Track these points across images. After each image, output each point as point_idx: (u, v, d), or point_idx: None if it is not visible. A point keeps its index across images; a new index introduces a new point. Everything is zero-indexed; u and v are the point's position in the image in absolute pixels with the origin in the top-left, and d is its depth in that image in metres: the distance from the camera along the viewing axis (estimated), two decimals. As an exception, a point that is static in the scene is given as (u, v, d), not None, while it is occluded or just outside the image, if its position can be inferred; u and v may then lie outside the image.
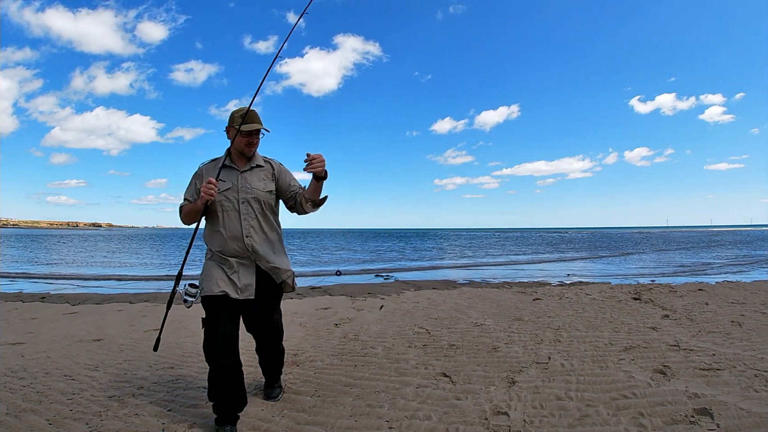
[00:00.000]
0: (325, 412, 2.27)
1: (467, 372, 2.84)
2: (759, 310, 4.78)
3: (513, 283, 9.10)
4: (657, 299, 5.73)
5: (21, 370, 3.01)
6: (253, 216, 2.12)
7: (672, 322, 4.28)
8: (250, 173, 2.17)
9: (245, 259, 2.10)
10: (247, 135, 2.10)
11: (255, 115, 2.11)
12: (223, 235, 2.08)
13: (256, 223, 2.12)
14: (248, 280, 2.09)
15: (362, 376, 2.82)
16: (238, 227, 2.08)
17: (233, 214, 2.09)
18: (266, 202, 2.17)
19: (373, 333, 4.03)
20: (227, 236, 2.08)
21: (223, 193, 2.09)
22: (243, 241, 2.07)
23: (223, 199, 2.09)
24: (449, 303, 5.77)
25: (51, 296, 7.59)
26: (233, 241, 2.08)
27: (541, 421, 2.09)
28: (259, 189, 2.15)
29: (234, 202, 2.10)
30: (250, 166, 2.18)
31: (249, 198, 2.12)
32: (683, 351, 3.19)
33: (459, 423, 2.10)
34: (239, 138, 2.10)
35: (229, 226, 2.08)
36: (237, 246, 2.08)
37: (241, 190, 2.12)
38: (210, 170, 2.17)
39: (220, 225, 2.09)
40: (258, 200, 2.13)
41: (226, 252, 2.08)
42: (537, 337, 3.71)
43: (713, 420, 2.04)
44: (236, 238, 2.08)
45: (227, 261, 2.08)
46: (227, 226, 2.08)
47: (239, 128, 2.07)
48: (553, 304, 5.53)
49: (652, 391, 2.40)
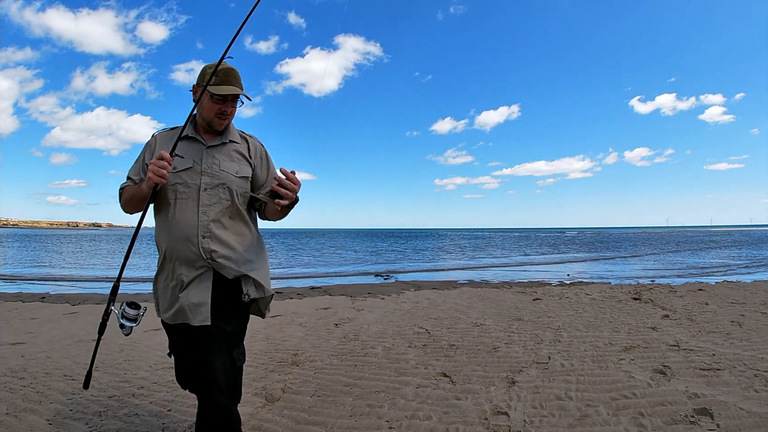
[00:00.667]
0: (325, 412, 2.26)
1: (467, 372, 2.84)
2: (759, 310, 4.78)
3: (513, 283, 9.10)
4: (657, 299, 5.73)
5: (21, 370, 3.01)
6: (217, 209, 1.51)
7: (672, 322, 4.28)
8: (220, 150, 1.57)
9: (200, 269, 1.49)
10: (219, 101, 1.51)
11: (233, 74, 1.53)
12: (171, 232, 1.50)
13: (221, 218, 1.53)
14: (200, 298, 1.47)
15: (362, 376, 2.82)
16: (193, 223, 1.47)
17: (190, 203, 1.49)
18: (239, 192, 1.56)
19: (373, 333, 4.03)
20: (177, 235, 1.48)
21: (180, 174, 1.49)
22: (198, 244, 1.46)
23: (179, 182, 1.49)
24: (449, 303, 5.77)
25: (51, 296, 7.59)
26: (183, 242, 1.47)
27: (541, 421, 2.10)
28: (230, 172, 1.55)
29: (193, 187, 1.50)
30: (221, 141, 1.58)
31: (215, 184, 1.51)
32: (683, 351, 3.19)
33: (459, 423, 2.10)
34: (208, 103, 1.52)
35: (181, 220, 1.48)
36: (189, 250, 1.47)
37: (206, 172, 1.51)
38: (166, 141, 1.58)
39: (169, 218, 1.50)
40: (227, 188, 1.53)
41: (173, 257, 1.50)
42: (537, 337, 3.71)
43: (713, 420, 2.04)
44: (188, 238, 1.46)
45: (175, 273, 1.50)
46: (178, 220, 1.48)
47: (206, 86, 1.49)
48: (553, 304, 5.53)
49: (652, 391, 2.40)
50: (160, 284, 1.57)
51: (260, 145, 1.71)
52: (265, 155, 1.70)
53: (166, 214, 1.52)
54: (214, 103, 1.52)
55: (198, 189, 1.50)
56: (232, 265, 1.52)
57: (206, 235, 1.48)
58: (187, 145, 1.54)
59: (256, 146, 1.68)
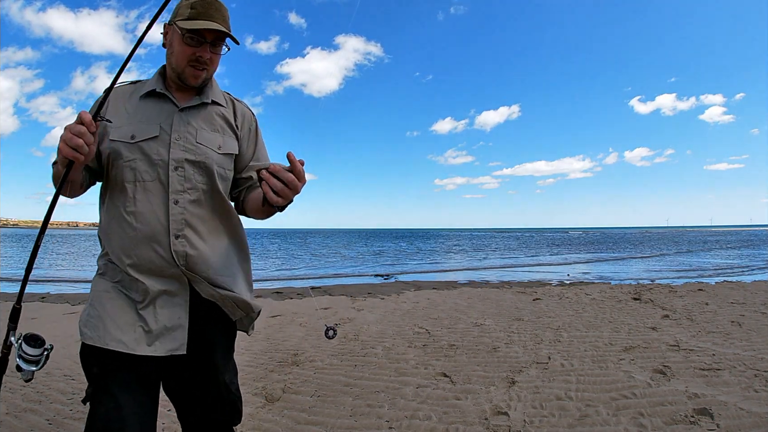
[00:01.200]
0: (325, 412, 2.27)
1: (467, 372, 2.84)
2: (759, 310, 4.78)
3: (513, 283, 9.10)
4: (657, 299, 5.73)
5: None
6: (192, 197, 1.10)
7: (672, 322, 4.28)
8: (198, 114, 1.14)
9: (172, 280, 1.09)
10: (192, 41, 1.07)
11: (215, 6, 1.09)
12: (130, 229, 1.06)
13: (198, 211, 1.12)
14: (173, 320, 1.08)
15: (362, 376, 2.82)
16: (161, 216, 1.07)
17: (155, 189, 1.07)
18: (221, 175, 1.16)
19: (373, 333, 4.03)
20: (139, 233, 1.06)
21: (141, 147, 1.07)
22: (169, 245, 1.06)
23: (139, 158, 1.07)
24: (449, 303, 5.77)
25: (51, 296, 7.59)
26: (148, 243, 1.06)
27: (541, 421, 2.10)
28: (210, 146, 1.13)
29: (159, 166, 1.08)
30: (199, 101, 1.15)
31: (191, 160, 1.10)
32: (683, 351, 3.19)
33: (459, 423, 2.10)
34: (179, 45, 1.09)
35: (144, 211, 1.06)
36: (154, 254, 1.06)
37: (177, 143, 1.09)
38: (123, 98, 1.13)
39: (128, 210, 1.07)
40: (206, 168, 1.12)
41: (134, 265, 1.07)
42: (537, 337, 3.71)
43: (713, 420, 2.04)
44: (153, 238, 1.06)
45: (136, 283, 1.07)
46: (140, 211, 1.06)
47: (175, 21, 1.09)
48: (553, 304, 5.53)
49: (652, 391, 2.40)
50: (105, 300, 1.07)
51: (250, 113, 1.28)
52: (255, 128, 1.27)
53: (121, 204, 1.07)
54: (186, 45, 1.07)
55: (166, 168, 1.07)
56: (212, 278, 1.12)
57: (180, 233, 1.07)
58: (152, 106, 1.11)
59: (245, 113, 1.26)
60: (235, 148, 1.21)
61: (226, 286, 1.16)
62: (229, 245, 1.20)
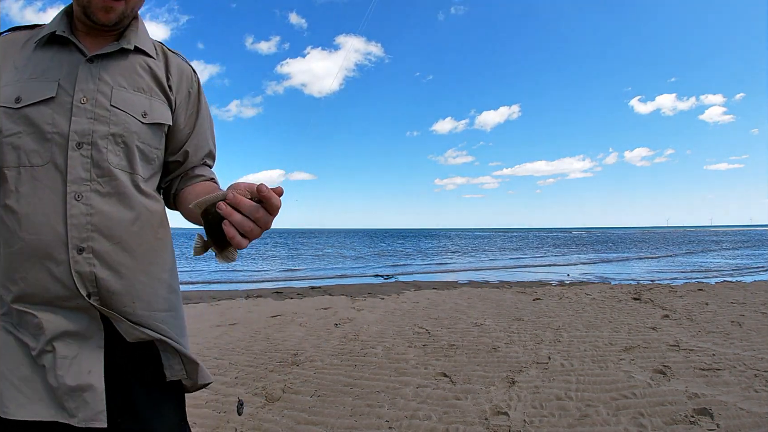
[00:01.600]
0: (325, 412, 2.27)
1: (467, 372, 2.84)
2: (759, 310, 4.79)
3: (513, 283, 9.11)
4: (657, 299, 5.73)
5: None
6: (104, 189, 0.74)
7: (672, 322, 4.28)
8: (114, 66, 0.78)
9: (78, 315, 0.72)
10: None
11: None
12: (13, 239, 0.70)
13: (112, 210, 0.74)
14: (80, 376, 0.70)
15: (362, 376, 2.82)
16: (57, 219, 0.70)
17: (48, 177, 0.71)
18: (144, 153, 0.81)
19: (373, 333, 4.03)
20: (25, 246, 0.69)
21: (26, 113, 0.71)
22: (68, 264, 0.70)
23: (25, 130, 0.71)
24: (449, 303, 5.77)
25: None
26: (38, 260, 0.69)
27: (541, 421, 2.10)
28: (130, 111, 0.78)
29: (55, 141, 0.72)
30: (117, 47, 0.79)
31: (103, 134, 0.74)
32: (683, 351, 3.19)
33: (459, 423, 2.10)
34: None
35: (32, 213, 0.70)
36: (51, 276, 0.70)
37: (81, 107, 0.73)
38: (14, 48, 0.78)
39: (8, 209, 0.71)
40: (124, 143, 0.77)
41: (22, 294, 0.70)
42: (537, 337, 3.71)
43: (713, 420, 2.04)
44: (46, 250, 0.69)
45: (25, 317, 0.71)
46: (25, 213, 0.70)
47: None
48: (553, 304, 5.54)
49: (652, 391, 2.40)
50: None
51: (191, 69, 0.90)
52: (197, 93, 0.91)
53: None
54: None
55: (65, 145, 0.71)
56: (140, 313, 0.75)
57: (83, 245, 0.71)
58: (50, 57, 0.75)
59: (183, 70, 0.88)
60: (168, 118, 0.83)
61: (159, 323, 0.77)
62: (160, 264, 0.80)
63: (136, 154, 0.78)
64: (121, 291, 0.74)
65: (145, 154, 0.80)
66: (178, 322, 0.83)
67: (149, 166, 0.82)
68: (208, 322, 4.72)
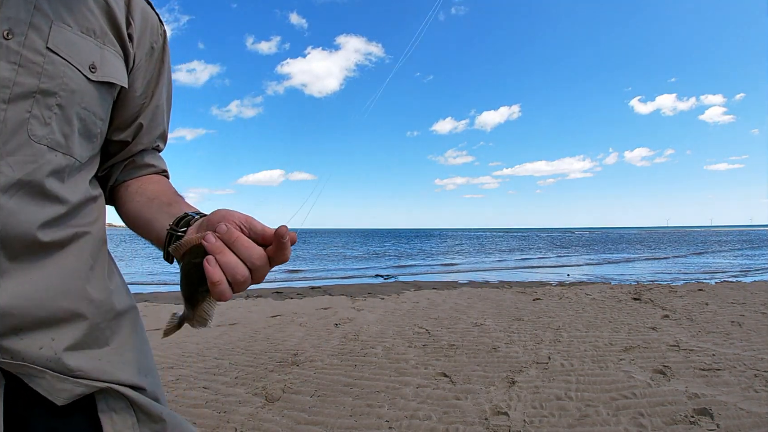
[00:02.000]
0: (325, 412, 2.27)
1: (467, 372, 2.84)
2: (759, 310, 4.78)
3: (513, 283, 9.10)
4: (657, 299, 5.73)
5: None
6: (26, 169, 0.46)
7: (672, 322, 4.28)
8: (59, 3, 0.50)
9: None
10: None
11: None
12: None
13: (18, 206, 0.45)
14: None
15: (362, 376, 2.82)
16: None
17: None
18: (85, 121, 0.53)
19: (373, 333, 4.03)
20: None
21: None
22: None
23: None
24: (449, 303, 5.77)
25: None
26: None
27: (540, 421, 2.10)
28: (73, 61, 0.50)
29: None
30: None
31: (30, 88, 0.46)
32: (683, 351, 3.19)
33: (459, 423, 2.10)
34: None
35: None
36: None
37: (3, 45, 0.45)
38: None
39: None
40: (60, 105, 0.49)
41: None
42: (537, 337, 3.71)
43: (713, 420, 2.04)
44: None
45: None
46: None
47: None
48: (553, 304, 5.54)
49: (652, 391, 2.40)
50: None
51: (157, 17, 0.67)
52: (161, 51, 0.68)
53: None
54: None
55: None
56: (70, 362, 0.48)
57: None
58: None
59: (147, 16, 0.65)
60: (123, 78, 0.60)
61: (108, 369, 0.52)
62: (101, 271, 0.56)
63: (75, 124, 0.52)
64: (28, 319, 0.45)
65: (87, 126, 0.54)
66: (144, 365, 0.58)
67: (89, 145, 0.56)
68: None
